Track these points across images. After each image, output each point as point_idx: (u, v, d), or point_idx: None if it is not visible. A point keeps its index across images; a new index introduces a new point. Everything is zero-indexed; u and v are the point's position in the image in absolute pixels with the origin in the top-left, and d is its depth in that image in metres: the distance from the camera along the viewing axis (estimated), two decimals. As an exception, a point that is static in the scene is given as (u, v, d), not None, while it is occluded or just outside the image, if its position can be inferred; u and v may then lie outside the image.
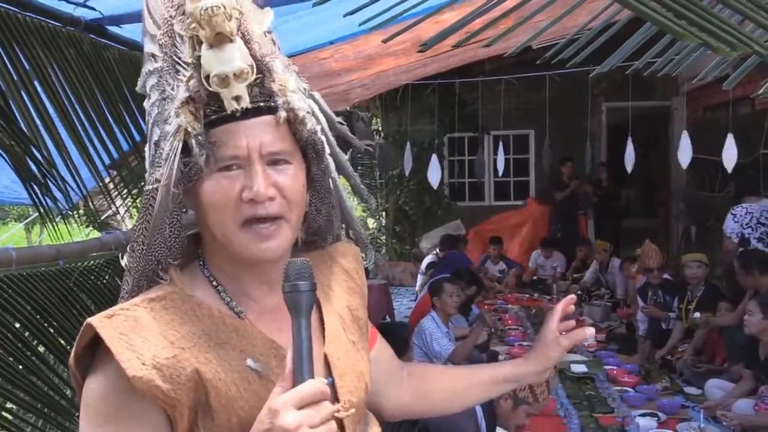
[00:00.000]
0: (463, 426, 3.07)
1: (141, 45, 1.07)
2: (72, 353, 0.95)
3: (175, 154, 0.93)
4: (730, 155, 5.44)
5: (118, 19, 2.23)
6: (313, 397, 0.85)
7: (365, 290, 1.20)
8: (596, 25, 1.80)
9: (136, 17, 2.18)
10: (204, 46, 0.93)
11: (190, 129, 0.93)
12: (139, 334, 0.91)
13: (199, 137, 0.93)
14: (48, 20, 1.98)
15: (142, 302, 0.95)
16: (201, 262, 1.03)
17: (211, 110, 0.94)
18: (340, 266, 1.16)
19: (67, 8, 2.07)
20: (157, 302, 0.95)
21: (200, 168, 0.94)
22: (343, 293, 1.14)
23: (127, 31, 2.32)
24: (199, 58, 0.93)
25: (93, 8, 2.13)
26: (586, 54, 1.73)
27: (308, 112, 1.00)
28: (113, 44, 2.28)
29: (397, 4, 1.25)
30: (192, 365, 0.91)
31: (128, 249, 1.00)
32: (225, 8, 0.90)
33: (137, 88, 1.05)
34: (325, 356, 1.03)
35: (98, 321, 0.91)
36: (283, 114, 0.96)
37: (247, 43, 0.95)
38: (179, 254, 1.00)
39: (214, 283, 1.01)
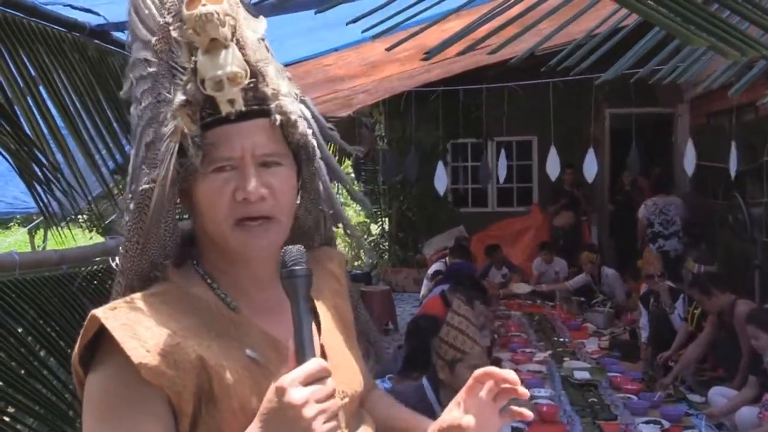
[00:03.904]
0: (411, 402, 2.98)
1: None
2: (76, 349, 0.96)
3: (172, 155, 0.96)
4: (734, 162, 5.61)
5: (123, 26, 2.24)
6: (318, 374, 0.88)
7: (347, 293, 1.23)
8: (601, 32, 1.80)
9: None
10: (200, 52, 0.96)
11: (186, 130, 0.96)
12: (142, 324, 0.93)
13: (195, 138, 0.96)
14: (53, 25, 1.98)
15: (142, 296, 0.98)
16: (195, 262, 1.06)
17: (206, 113, 0.98)
18: (327, 270, 1.19)
19: (72, 14, 2.08)
20: (155, 297, 0.98)
21: (195, 168, 0.97)
22: (331, 295, 1.17)
23: (132, 36, 2.32)
24: (196, 62, 0.96)
25: (98, 14, 2.14)
26: (589, 62, 1.74)
27: (300, 116, 1.04)
28: (117, 49, 2.28)
29: (400, 12, 1.25)
30: (195, 351, 0.93)
31: (121, 250, 1.02)
32: (218, 15, 0.94)
33: (122, 93, 1.08)
34: (322, 347, 1.03)
35: (102, 312, 0.94)
36: (276, 117, 1.00)
37: (241, 48, 0.98)
38: (173, 253, 1.04)
39: (209, 280, 1.04)
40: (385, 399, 1.28)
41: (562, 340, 6.58)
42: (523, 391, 1.00)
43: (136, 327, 0.92)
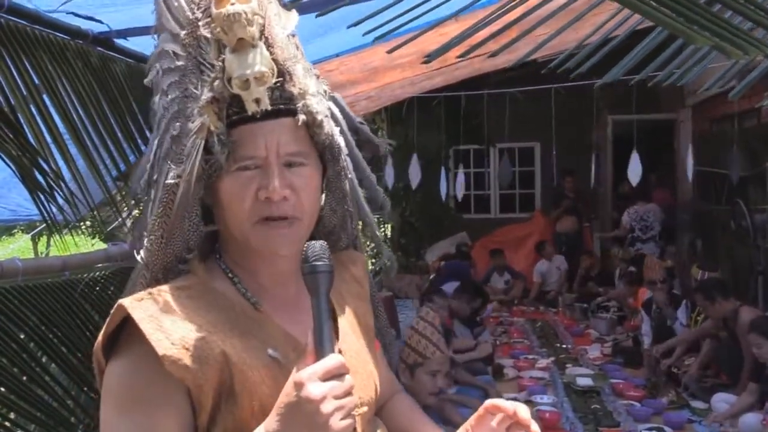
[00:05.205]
0: None
1: (148, 58, 1.09)
2: (100, 337, 0.96)
3: (198, 151, 0.97)
4: (736, 168, 5.65)
5: (125, 33, 2.25)
6: (337, 370, 0.88)
7: (369, 296, 1.23)
8: (601, 36, 1.81)
9: (142, 31, 2.19)
10: (227, 50, 0.96)
11: (212, 128, 0.96)
12: (168, 316, 0.94)
13: (221, 136, 0.97)
14: (56, 33, 1.99)
15: (168, 289, 0.98)
16: (218, 256, 1.07)
17: (233, 111, 0.98)
18: (350, 273, 1.19)
19: (75, 21, 2.09)
20: (182, 291, 0.98)
21: (220, 165, 0.98)
22: (352, 299, 1.16)
23: (134, 44, 2.34)
24: (224, 60, 0.96)
25: (101, 21, 2.15)
26: (590, 65, 1.74)
27: (326, 116, 1.03)
28: (120, 57, 2.29)
29: (400, 15, 1.26)
30: (219, 347, 0.94)
31: (145, 244, 1.02)
32: (246, 14, 0.94)
33: (145, 81, 1.09)
34: (339, 352, 1.04)
35: (129, 302, 0.94)
36: (301, 117, 0.99)
37: (269, 47, 0.98)
38: (196, 247, 1.04)
39: (230, 275, 1.04)
40: (407, 402, 1.29)
41: (564, 346, 6.57)
42: (536, 429, 1.00)
43: (162, 319, 0.93)
